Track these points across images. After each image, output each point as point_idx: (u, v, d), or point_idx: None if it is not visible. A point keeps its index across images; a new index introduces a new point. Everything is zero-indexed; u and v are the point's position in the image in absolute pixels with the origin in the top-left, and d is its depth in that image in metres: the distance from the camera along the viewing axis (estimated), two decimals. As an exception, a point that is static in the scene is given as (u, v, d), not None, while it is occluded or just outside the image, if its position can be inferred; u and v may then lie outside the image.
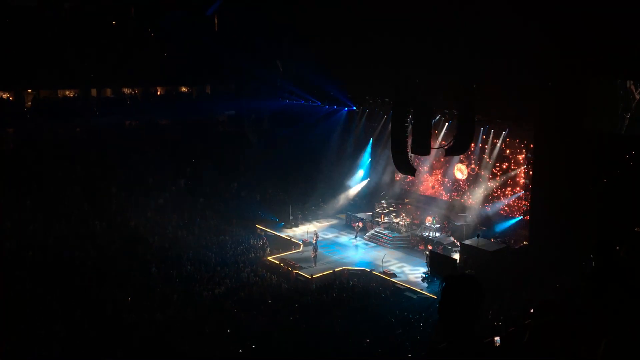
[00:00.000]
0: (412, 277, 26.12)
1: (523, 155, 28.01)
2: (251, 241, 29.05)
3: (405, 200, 33.62)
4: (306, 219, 33.26)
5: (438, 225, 30.26)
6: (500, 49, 23.94)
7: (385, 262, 27.41)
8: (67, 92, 35.99)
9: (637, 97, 22.41)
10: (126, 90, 38.45)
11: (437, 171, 32.58)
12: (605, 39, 21.32)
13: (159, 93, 39.87)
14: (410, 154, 25.13)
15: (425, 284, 25.07)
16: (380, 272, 26.20)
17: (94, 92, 36.76)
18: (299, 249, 29.16)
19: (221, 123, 39.06)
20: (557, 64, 22.87)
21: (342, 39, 30.62)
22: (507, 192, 29.25)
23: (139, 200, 29.43)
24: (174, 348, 18.84)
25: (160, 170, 32.12)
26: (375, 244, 30.52)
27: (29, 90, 34.06)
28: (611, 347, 3.47)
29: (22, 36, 30.27)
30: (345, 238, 31.46)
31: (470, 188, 30.85)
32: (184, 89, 41.28)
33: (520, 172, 28.35)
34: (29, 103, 33.88)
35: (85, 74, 33.41)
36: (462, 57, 25.10)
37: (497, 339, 8.08)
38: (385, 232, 30.92)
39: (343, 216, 34.12)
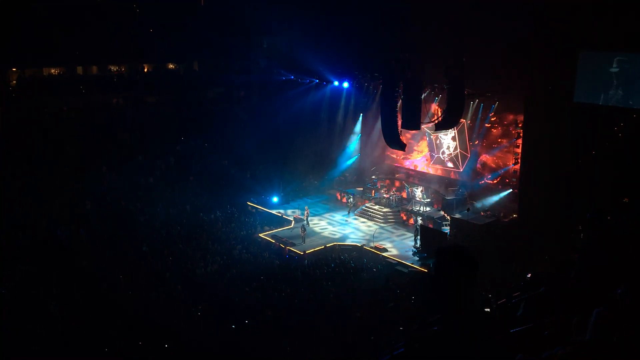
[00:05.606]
0: (402, 252, 26.34)
1: (512, 129, 28.04)
2: (242, 218, 29.08)
3: (396, 176, 33.71)
4: (297, 196, 33.32)
5: (428, 200, 30.45)
6: (490, 23, 23.83)
7: (376, 237, 27.57)
8: (52, 70, 35.47)
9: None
10: (112, 68, 37.95)
11: (427, 146, 32.57)
12: (594, 12, 21.26)
13: (145, 70, 39.37)
14: (400, 129, 25.11)
15: (417, 258, 25.31)
16: (371, 247, 26.40)
17: (79, 69, 36.27)
18: (291, 225, 29.25)
19: (210, 100, 38.68)
20: (546, 38, 22.79)
21: (329, 13, 30.29)
22: (496, 165, 29.37)
23: (129, 179, 29.25)
24: (168, 326, 18.94)
25: (150, 148, 31.90)
26: (366, 219, 30.68)
27: (14, 69, 33.53)
28: (603, 318, 3.53)
29: (6, 14, 29.65)
30: (336, 214, 31.56)
31: (459, 162, 30.93)
32: (171, 66, 40.77)
33: (509, 145, 28.41)
34: (14, 82, 33.37)
35: (71, 52, 32.85)
36: (451, 30, 24.98)
37: (486, 310, 8.17)
38: (376, 207, 31.06)
39: (334, 192, 34.20)
